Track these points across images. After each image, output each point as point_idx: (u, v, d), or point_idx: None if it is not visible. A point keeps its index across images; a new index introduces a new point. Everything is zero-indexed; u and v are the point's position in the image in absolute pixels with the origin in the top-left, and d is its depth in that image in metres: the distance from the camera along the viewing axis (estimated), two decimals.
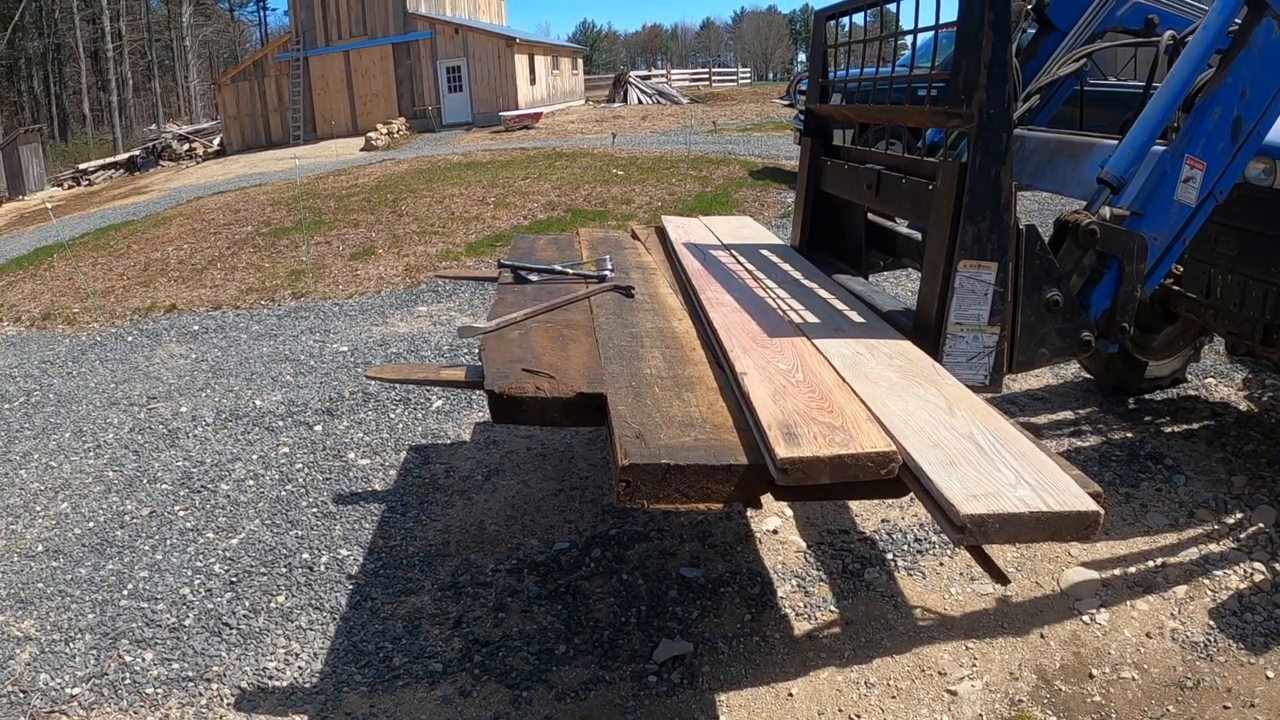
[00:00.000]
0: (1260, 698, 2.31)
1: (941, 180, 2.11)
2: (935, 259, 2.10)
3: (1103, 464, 3.47)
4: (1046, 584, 2.81)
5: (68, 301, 8.20)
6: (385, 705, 2.44)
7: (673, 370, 2.02)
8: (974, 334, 2.08)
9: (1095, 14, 2.89)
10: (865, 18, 2.94)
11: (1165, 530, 3.05)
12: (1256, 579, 2.75)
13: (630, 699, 2.41)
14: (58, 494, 4.04)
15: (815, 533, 3.14)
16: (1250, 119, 2.22)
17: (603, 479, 3.61)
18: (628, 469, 1.50)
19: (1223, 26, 2.20)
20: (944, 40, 3.21)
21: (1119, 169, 2.23)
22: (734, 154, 12.89)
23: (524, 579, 2.96)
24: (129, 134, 37.36)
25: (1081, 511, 1.35)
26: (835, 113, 3.18)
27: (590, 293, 2.66)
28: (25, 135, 24.89)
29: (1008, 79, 1.96)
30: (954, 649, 2.54)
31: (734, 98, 28.04)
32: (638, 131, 18.47)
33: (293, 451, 4.13)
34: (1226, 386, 4.17)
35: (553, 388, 1.90)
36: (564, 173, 11.71)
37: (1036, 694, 2.37)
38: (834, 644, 2.59)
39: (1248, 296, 3.00)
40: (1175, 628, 2.58)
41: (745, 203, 9.39)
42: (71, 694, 2.65)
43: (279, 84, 29.19)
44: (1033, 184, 2.83)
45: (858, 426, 1.59)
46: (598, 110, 25.86)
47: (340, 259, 8.55)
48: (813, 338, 2.13)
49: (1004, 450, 1.53)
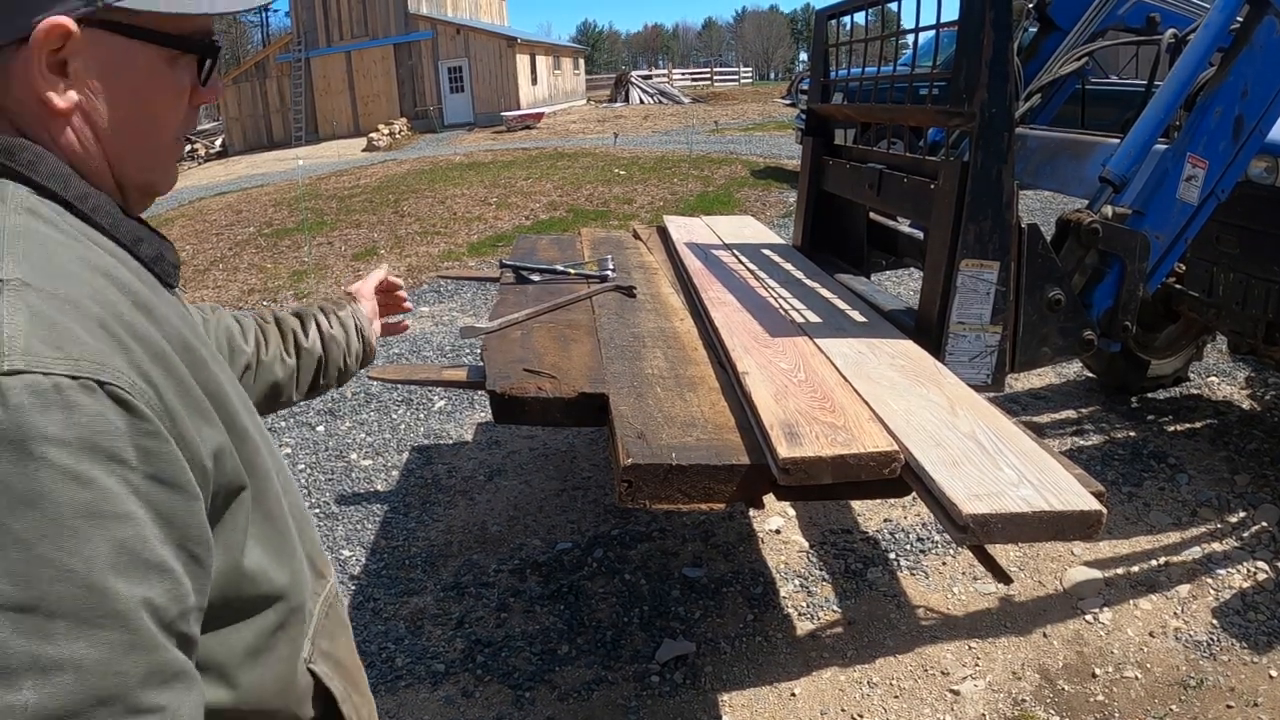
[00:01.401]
0: (1264, 697, 2.30)
1: (943, 179, 2.10)
2: (937, 258, 2.10)
3: (1105, 463, 3.47)
4: (1049, 583, 2.80)
5: None
6: (388, 705, 2.44)
7: (675, 370, 2.02)
8: (976, 333, 2.07)
9: (1097, 12, 2.89)
10: (866, 17, 2.94)
11: (1168, 529, 3.04)
12: (1260, 578, 2.75)
13: (633, 699, 2.41)
14: None
15: (818, 532, 3.14)
16: (1252, 117, 2.22)
17: (605, 479, 3.61)
18: (630, 469, 1.50)
19: (1224, 25, 2.20)
20: (945, 39, 3.20)
21: (1121, 168, 2.22)
22: (736, 153, 12.89)
23: (526, 579, 2.96)
24: None
25: (1084, 511, 1.35)
26: (837, 112, 3.18)
27: (592, 293, 2.66)
28: None
29: (1009, 78, 1.96)
30: (957, 648, 2.54)
31: (736, 97, 28.04)
32: (639, 131, 18.47)
33: (295, 452, 4.13)
34: (1229, 385, 4.16)
35: (554, 388, 1.90)
36: (566, 173, 11.72)
37: (1039, 693, 2.36)
38: (837, 644, 2.58)
39: (1250, 295, 3.00)
40: (1178, 627, 2.58)
41: (747, 202, 9.39)
42: None
43: (280, 85, 29.22)
44: (1034, 183, 2.82)
45: (860, 426, 1.59)
46: (599, 110, 25.87)
47: (342, 259, 8.55)
48: (815, 337, 2.13)
49: (1006, 450, 1.52)
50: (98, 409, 0.60)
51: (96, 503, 0.59)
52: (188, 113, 0.84)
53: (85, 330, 0.63)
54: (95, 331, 0.64)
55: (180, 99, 0.82)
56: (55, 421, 0.58)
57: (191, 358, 0.74)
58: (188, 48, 0.80)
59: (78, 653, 0.56)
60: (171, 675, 0.63)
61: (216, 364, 0.80)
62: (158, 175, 0.84)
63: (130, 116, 0.78)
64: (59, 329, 0.61)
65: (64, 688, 0.56)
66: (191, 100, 0.83)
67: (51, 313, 0.62)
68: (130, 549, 0.60)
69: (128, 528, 0.61)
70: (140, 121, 0.79)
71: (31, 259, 0.65)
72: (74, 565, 0.57)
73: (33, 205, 0.71)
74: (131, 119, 0.78)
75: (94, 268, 0.70)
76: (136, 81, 0.77)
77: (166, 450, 0.65)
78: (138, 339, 0.67)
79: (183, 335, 0.75)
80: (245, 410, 0.82)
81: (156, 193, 0.86)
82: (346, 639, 0.98)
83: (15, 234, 0.67)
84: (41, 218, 0.70)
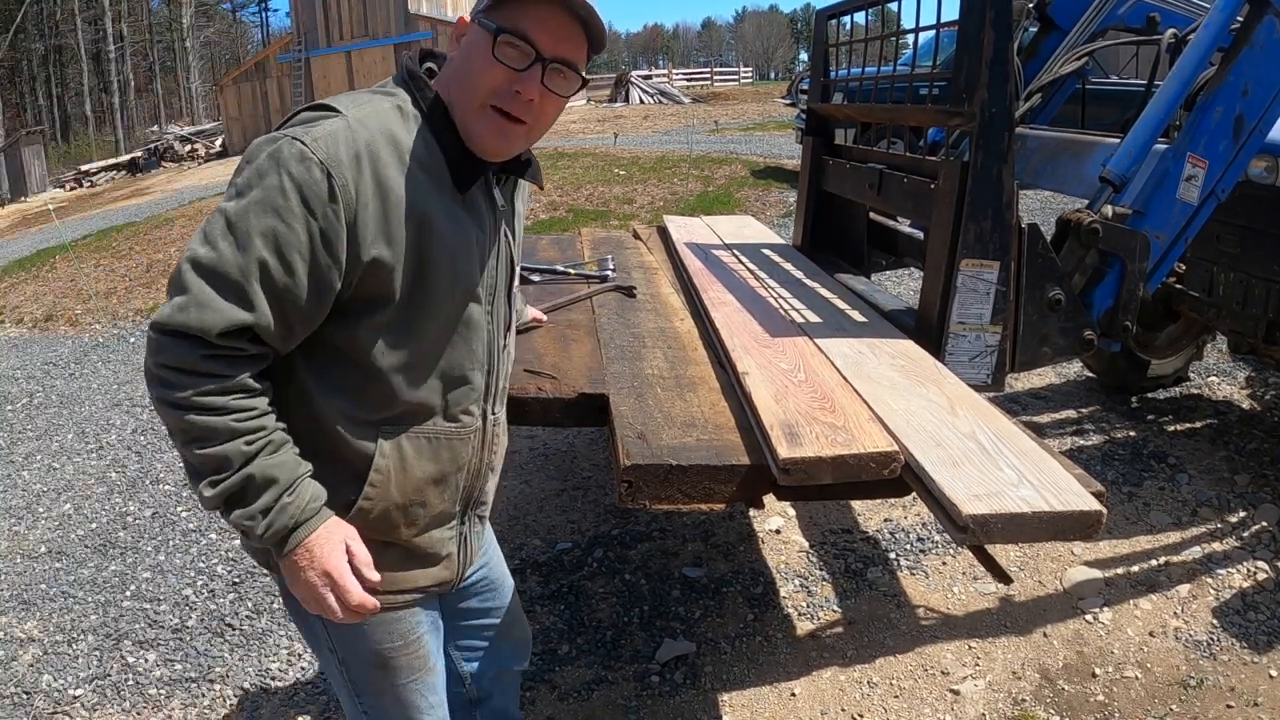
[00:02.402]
0: (1264, 697, 2.30)
1: (943, 179, 2.10)
2: (937, 258, 2.10)
3: (1105, 463, 3.47)
4: (1049, 583, 2.80)
5: (70, 303, 8.22)
6: None
7: (675, 370, 2.02)
8: (976, 333, 2.07)
9: (1097, 12, 2.88)
10: (866, 17, 2.94)
11: (1168, 529, 3.04)
12: (1260, 577, 2.75)
13: (633, 699, 2.41)
14: (60, 495, 4.05)
15: (818, 532, 3.14)
16: (1252, 117, 2.22)
17: (605, 479, 3.61)
18: (630, 469, 1.50)
19: (1224, 24, 2.20)
20: (945, 39, 3.20)
21: (1121, 168, 2.22)
22: (736, 153, 12.88)
23: (527, 579, 2.96)
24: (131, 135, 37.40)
25: (1084, 511, 1.34)
26: (837, 112, 3.17)
27: (592, 293, 2.66)
28: (27, 137, 24.94)
29: (1009, 78, 1.96)
30: (957, 648, 2.54)
31: (736, 97, 28.02)
32: (639, 131, 18.46)
33: None
34: (1229, 385, 4.16)
35: (555, 388, 1.90)
36: (566, 172, 11.71)
37: (1039, 693, 2.36)
38: (837, 643, 2.58)
39: (1250, 295, 3.00)
40: (1178, 627, 2.58)
41: (747, 202, 9.39)
42: (75, 695, 2.65)
43: (281, 85, 29.20)
44: (1034, 183, 2.82)
45: (860, 426, 1.59)
46: (599, 110, 25.84)
47: None
48: (815, 337, 2.12)
49: (1006, 450, 1.52)
50: (320, 176, 1.12)
51: (283, 208, 1.11)
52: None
53: (346, 151, 1.14)
54: (350, 154, 1.14)
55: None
56: (296, 167, 1.12)
57: (416, 214, 1.19)
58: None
59: (226, 250, 1.12)
60: (242, 300, 1.12)
61: (449, 238, 1.23)
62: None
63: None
64: (335, 140, 1.14)
65: (210, 257, 1.12)
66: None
67: (341, 134, 1.14)
68: (280, 237, 1.12)
69: (288, 230, 1.12)
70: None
71: (363, 113, 1.18)
72: (252, 219, 1.12)
73: (400, 101, 1.24)
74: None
75: (386, 133, 1.18)
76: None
77: (337, 223, 1.13)
78: (374, 174, 1.15)
79: (422, 202, 1.19)
80: (452, 277, 1.25)
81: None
82: (445, 469, 1.35)
83: (373, 105, 1.21)
84: (395, 106, 1.23)
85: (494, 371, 1.39)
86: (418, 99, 1.25)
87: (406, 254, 1.19)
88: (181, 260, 1.14)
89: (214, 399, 1.13)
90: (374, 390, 1.25)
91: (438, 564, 1.41)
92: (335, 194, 1.12)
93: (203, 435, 1.14)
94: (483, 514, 1.50)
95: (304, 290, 1.14)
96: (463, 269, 1.27)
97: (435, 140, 1.23)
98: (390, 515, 1.31)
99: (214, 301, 1.11)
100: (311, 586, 1.21)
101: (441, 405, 1.31)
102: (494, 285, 1.35)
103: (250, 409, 1.16)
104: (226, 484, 1.15)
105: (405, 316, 1.22)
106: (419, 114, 1.24)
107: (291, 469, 1.20)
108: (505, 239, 1.38)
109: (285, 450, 1.20)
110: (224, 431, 1.14)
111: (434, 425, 1.32)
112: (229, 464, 1.15)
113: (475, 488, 1.43)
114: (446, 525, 1.40)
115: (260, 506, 1.17)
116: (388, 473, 1.28)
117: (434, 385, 1.29)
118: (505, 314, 1.40)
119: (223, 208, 1.14)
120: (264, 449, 1.17)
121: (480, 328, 1.33)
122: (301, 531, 1.19)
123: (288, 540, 1.19)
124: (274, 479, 1.17)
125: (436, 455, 1.33)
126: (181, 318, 1.11)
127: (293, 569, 1.21)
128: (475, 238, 1.29)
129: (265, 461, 1.17)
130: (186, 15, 42.43)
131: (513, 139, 1.25)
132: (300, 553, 1.20)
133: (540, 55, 1.19)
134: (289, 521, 1.18)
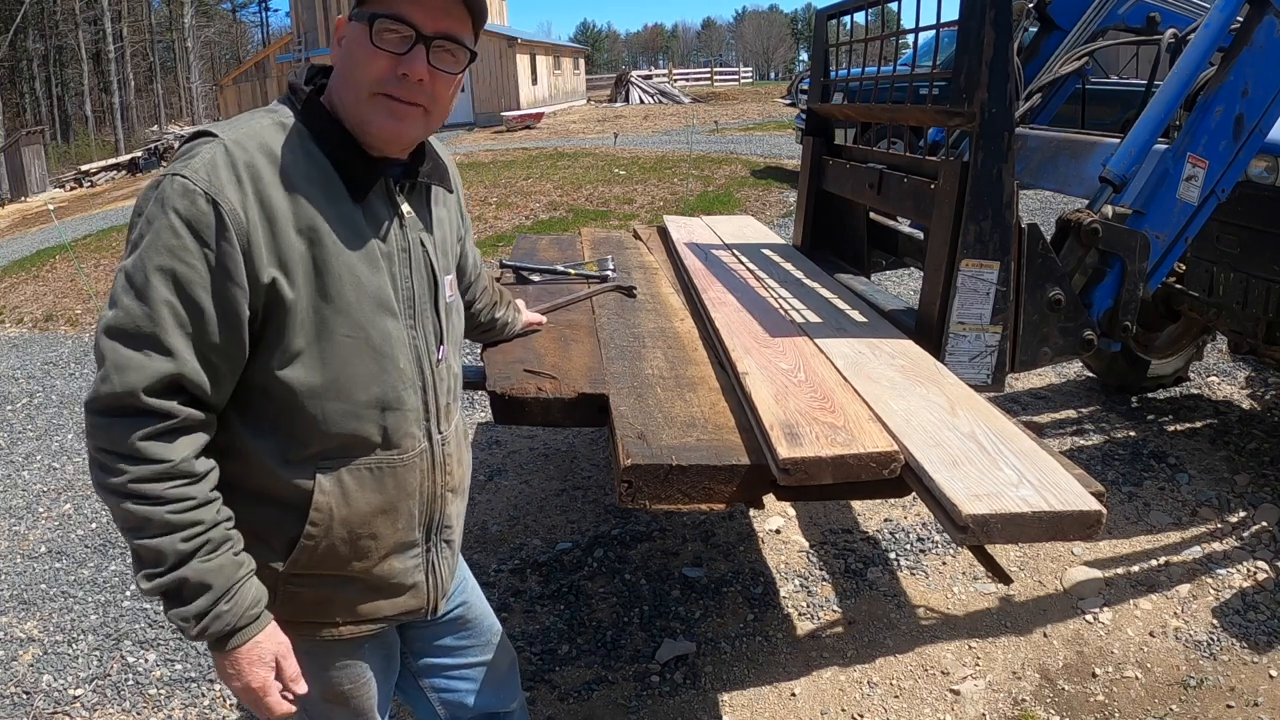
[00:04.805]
0: (1264, 697, 2.30)
1: (943, 179, 2.10)
2: (937, 258, 2.10)
3: (1105, 463, 3.47)
4: (1049, 583, 2.80)
5: (70, 303, 8.22)
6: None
7: (675, 370, 2.02)
8: (976, 333, 2.07)
9: (1097, 12, 2.89)
10: (866, 17, 2.94)
11: (1168, 529, 3.05)
12: (1260, 577, 2.75)
13: (633, 699, 2.41)
14: (60, 495, 4.05)
15: (818, 532, 3.14)
16: (1252, 117, 2.22)
17: (605, 479, 3.62)
18: (630, 469, 1.50)
19: (1224, 24, 2.20)
20: (945, 39, 3.20)
21: (1121, 167, 2.22)
22: (736, 153, 12.89)
23: (527, 579, 2.96)
24: (131, 135, 37.40)
25: (1084, 511, 1.34)
26: (837, 112, 3.17)
27: (592, 293, 2.66)
28: (27, 137, 24.91)
29: (1009, 77, 1.96)
30: (957, 648, 2.54)
31: (736, 97, 28.03)
32: (639, 131, 18.47)
33: None
34: (1229, 385, 4.16)
35: (555, 388, 1.90)
36: (566, 173, 11.72)
37: (1039, 693, 2.36)
38: (837, 643, 2.59)
39: (1250, 294, 3.00)
40: (1178, 627, 2.58)
41: (747, 202, 9.39)
42: (75, 695, 2.66)
43: (281, 85, 29.12)
44: (1035, 183, 2.82)
45: (860, 426, 1.59)
46: (600, 110, 25.86)
47: None
48: (815, 337, 2.12)
49: (1006, 450, 1.52)
50: (206, 208, 1.10)
51: (177, 246, 1.09)
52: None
53: (227, 175, 1.12)
54: (230, 177, 1.12)
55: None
56: (181, 203, 1.10)
57: (305, 228, 1.16)
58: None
59: (131, 305, 1.09)
60: (157, 348, 1.10)
61: (345, 249, 1.20)
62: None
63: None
64: (215, 167, 1.12)
65: (117, 317, 1.10)
66: None
67: (219, 158, 1.12)
68: (180, 276, 1.09)
69: (186, 268, 1.09)
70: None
71: (239, 134, 1.16)
72: (149, 266, 1.09)
73: (281, 117, 1.22)
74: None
75: (266, 150, 1.16)
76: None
77: (232, 250, 1.10)
78: (257, 193, 1.13)
79: (310, 216, 1.17)
80: (357, 289, 1.21)
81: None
82: (384, 499, 1.30)
83: (251, 124, 1.19)
84: (276, 122, 1.20)
85: (431, 389, 1.33)
86: (299, 111, 1.22)
87: (303, 269, 1.16)
88: (96, 332, 1.11)
89: (149, 486, 1.09)
90: (303, 425, 1.20)
91: (403, 593, 1.38)
92: (225, 221, 1.09)
93: (138, 525, 1.11)
94: (449, 539, 1.44)
95: (215, 325, 1.11)
96: (367, 280, 1.22)
97: (320, 149, 1.20)
98: (337, 549, 1.27)
99: (131, 360, 1.08)
100: (234, 690, 1.21)
101: (379, 431, 1.26)
102: (412, 296, 1.29)
103: (188, 499, 1.12)
104: (160, 581, 1.12)
105: (317, 336, 1.18)
106: (302, 125, 1.21)
107: (229, 574, 1.15)
108: (423, 248, 1.32)
109: (224, 551, 1.15)
110: (158, 524, 1.10)
111: (374, 456, 1.27)
112: (164, 559, 1.11)
113: (435, 512, 1.38)
114: (408, 554, 1.36)
115: (195, 611, 1.13)
116: (328, 509, 1.24)
117: (365, 411, 1.24)
118: (434, 326, 1.34)
119: (121, 265, 1.12)
120: (201, 549, 1.13)
121: (403, 343, 1.27)
122: (236, 639, 1.17)
123: (222, 644, 1.17)
124: (208, 585, 1.13)
125: (381, 485, 1.28)
126: (107, 389, 1.08)
127: (220, 669, 1.21)
128: (377, 247, 1.24)
129: (201, 565, 1.13)
130: (186, 15, 42.40)
131: (407, 120, 1.21)
132: (230, 660, 1.18)
133: (420, 34, 1.16)
134: (223, 628, 1.15)
